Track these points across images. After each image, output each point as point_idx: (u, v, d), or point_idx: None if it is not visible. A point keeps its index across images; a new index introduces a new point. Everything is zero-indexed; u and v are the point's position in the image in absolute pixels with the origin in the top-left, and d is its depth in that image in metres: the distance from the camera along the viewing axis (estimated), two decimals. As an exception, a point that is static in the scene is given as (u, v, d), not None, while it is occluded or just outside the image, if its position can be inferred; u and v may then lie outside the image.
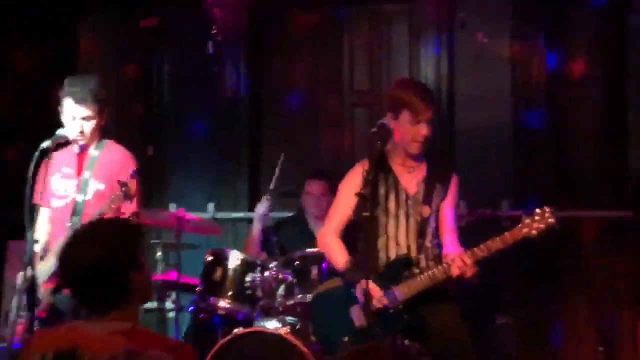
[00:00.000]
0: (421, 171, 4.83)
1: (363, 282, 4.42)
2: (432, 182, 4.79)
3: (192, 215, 6.21)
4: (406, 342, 4.63)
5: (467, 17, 6.98)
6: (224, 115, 7.57)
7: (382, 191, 4.77)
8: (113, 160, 4.93)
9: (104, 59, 7.69)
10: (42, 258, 4.89)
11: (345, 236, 4.89)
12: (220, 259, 5.64)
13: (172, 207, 7.14)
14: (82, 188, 4.80)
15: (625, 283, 6.66)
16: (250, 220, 7.38)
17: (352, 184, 4.83)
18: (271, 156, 7.64)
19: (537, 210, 4.45)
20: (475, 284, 4.56)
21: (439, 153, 5.82)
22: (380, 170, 4.79)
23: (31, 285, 4.14)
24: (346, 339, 4.55)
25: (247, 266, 5.58)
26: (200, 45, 7.46)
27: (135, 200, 4.89)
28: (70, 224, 4.77)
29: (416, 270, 4.63)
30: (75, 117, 4.77)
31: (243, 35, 7.56)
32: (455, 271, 4.44)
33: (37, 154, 4.50)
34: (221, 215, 7.34)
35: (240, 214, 7.42)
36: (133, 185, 4.62)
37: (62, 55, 7.61)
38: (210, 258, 5.68)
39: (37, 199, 4.95)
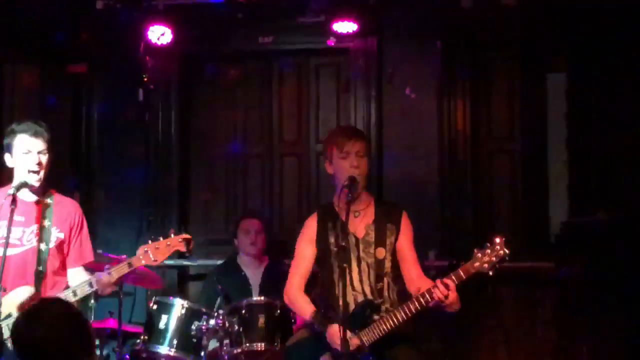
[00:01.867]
0: (369, 215, 4.93)
1: (333, 327, 4.53)
2: (383, 222, 4.89)
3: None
4: None
5: (395, 72, 7.23)
6: (154, 162, 7.62)
7: (332, 239, 4.87)
8: (67, 209, 4.93)
9: (29, 105, 7.61)
10: None
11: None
12: (165, 307, 5.64)
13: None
14: (44, 237, 4.77)
15: (545, 333, 6.90)
16: (179, 268, 7.44)
17: (306, 236, 4.96)
18: (201, 203, 7.74)
19: (488, 244, 4.44)
20: (456, 310, 4.56)
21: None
22: (328, 220, 4.91)
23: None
24: (318, 387, 4.63)
25: (192, 314, 5.60)
26: (130, 92, 7.52)
27: (90, 248, 4.95)
28: (36, 272, 4.72)
29: (379, 314, 4.70)
30: (32, 150, 4.73)
31: (174, 84, 7.64)
32: (438, 294, 4.42)
33: (6, 201, 4.53)
34: (150, 261, 7.31)
35: (169, 262, 7.39)
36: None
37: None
38: (154, 306, 5.68)
39: None
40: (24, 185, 4.69)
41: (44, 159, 4.80)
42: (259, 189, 7.73)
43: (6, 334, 4.63)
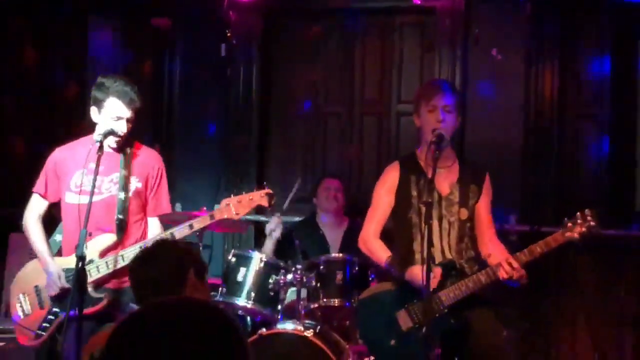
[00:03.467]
0: (453, 173, 4.87)
1: (415, 267, 4.47)
2: (467, 183, 4.85)
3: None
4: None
5: (482, 33, 7.07)
6: (233, 118, 7.59)
7: (414, 193, 4.80)
8: (147, 160, 4.96)
9: (113, 57, 7.65)
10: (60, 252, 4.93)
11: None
12: (243, 259, 5.63)
13: (178, 207, 7.15)
14: (123, 185, 4.78)
15: (625, 302, 6.74)
16: (255, 223, 7.43)
17: (386, 185, 4.88)
18: (278, 161, 7.71)
19: (578, 214, 4.49)
20: (524, 284, 4.58)
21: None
22: (411, 173, 4.83)
23: (83, 279, 4.14)
24: (392, 342, 4.58)
25: (270, 268, 5.58)
26: (212, 47, 7.50)
27: (168, 200, 4.95)
28: (117, 220, 4.75)
29: (460, 275, 4.65)
30: (122, 117, 4.72)
31: (257, 40, 7.58)
32: (502, 275, 4.48)
33: (93, 147, 4.59)
34: (227, 217, 7.32)
35: (247, 217, 7.39)
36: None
37: (71, 52, 7.59)
38: (233, 259, 5.67)
39: (39, 189, 4.93)
40: (111, 133, 4.68)
41: (129, 127, 4.78)
42: (337, 148, 7.66)
43: (89, 278, 4.66)
